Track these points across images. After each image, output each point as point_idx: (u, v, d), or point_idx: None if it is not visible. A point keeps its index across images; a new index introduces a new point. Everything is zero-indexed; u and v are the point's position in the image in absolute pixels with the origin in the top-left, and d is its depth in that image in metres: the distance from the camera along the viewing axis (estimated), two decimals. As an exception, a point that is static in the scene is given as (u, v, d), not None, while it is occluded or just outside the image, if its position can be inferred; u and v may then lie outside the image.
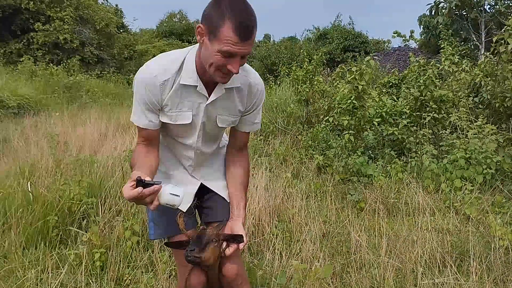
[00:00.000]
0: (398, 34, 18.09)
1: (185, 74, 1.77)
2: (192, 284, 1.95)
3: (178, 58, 1.79)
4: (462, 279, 2.93)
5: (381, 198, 4.61)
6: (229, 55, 1.63)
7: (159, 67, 1.77)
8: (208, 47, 1.65)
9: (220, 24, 1.59)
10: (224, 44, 1.60)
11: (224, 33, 1.59)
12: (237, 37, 1.59)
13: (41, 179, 4.44)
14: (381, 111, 6.76)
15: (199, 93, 1.81)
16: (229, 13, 1.58)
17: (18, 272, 2.99)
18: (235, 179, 2.06)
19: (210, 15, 1.62)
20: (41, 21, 19.30)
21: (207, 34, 1.64)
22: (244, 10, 1.61)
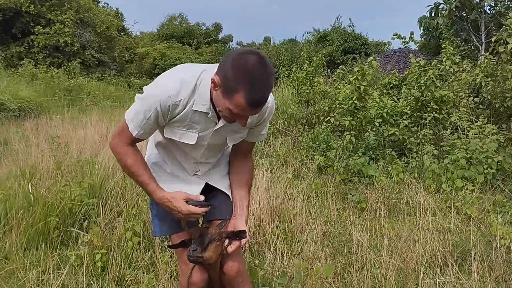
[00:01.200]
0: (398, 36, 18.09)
1: (199, 100, 1.74)
2: (194, 281, 1.95)
3: (192, 81, 1.73)
4: (464, 278, 2.92)
5: (382, 199, 4.61)
6: (238, 116, 1.68)
7: (173, 87, 1.71)
8: (220, 99, 1.66)
9: (236, 89, 1.58)
10: (235, 107, 1.62)
11: (237, 100, 1.59)
12: (249, 107, 1.61)
13: (42, 180, 4.45)
14: (382, 111, 6.76)
15: (210, 119, 1.80)
16: (246, 81, 1.56)
17: (19, 273, 2.99)
18: (239, 179, 2.07)
19: (227, 74, 1.59)
20: (42, 24, 19.33)
21: (221, 89, 1.63)
22: (262, 79, 1.59)
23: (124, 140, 1.86)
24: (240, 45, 36.59)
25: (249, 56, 1.58)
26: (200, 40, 30.04)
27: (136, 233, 3.34)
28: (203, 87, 1.73)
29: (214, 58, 28.06)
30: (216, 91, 1.66)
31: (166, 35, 29.66)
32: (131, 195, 4.08)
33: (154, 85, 1.78)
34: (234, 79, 1.57)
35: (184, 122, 1.79)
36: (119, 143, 1.87)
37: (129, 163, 1.87)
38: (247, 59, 1.58)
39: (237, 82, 1.56)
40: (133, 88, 20.33)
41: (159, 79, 1.80)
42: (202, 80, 1.73)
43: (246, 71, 1.56)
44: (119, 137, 1.87)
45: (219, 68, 1.65)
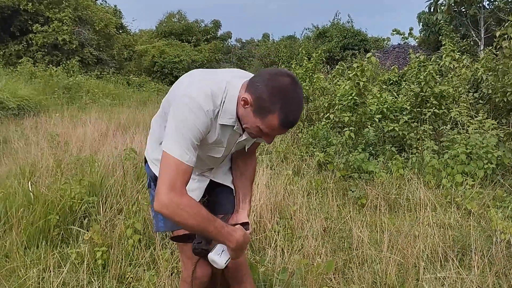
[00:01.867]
0: (397, 32, 18.08)
1: (225, 114, 1.70)
2: (198, 276, 1.95)
3: (219, 94, 1.67)
4: (464, 273, 2.93)
5: (382, 194, 4.61)
6: (266, 134, 1.69)
7: (206, 101, 1.64)
8: (250, 118, 1.65)
9: (270, 111, 1.59)
10: (266, 127, 1.63)
11: (270, 121, 1.61)
12: (282, 128, 1.63)
13: (42, 178, 4.44)
14: (382, 107, 6.76)
15: (235, 131, 1.79)
16: (282, 104, 1.57)
17: (20, 271, 2.99)
18: (242, 175, 2.08)
19: (262, 94, 1.59)
20: (40, 22, 19.28)
21: (253, 108, 1.62)
22: (296, 103, 1.61)
23: (181, 186, 1.59)
24: (239, 42, 36.59)
25: (283, 78, 1.59)
26: (199, 37, 29.99)
27: (137, 231, 3.34)
28: (229, 101, 1.69)
29: (213, 55, 28.07)
30: (246, 109, 1.65)
31: (164, 32, 29.61)
32: (131, 192, 4.08)
33: (187, 103, 1.63)
34: (269, 100, 1.58)
35: (212, 138, 1.75)
36: (177, 196, 1.57)
37: (201, 212, 1.63)
38: (282, 81, 1.59)
39: (272, 103, 1.58)
40: (132, 85, 20.31)
41: (189, 94, 1.64)
42: (227, 93, 1.69)
43: (281, 93, 1.57)
44: (175, 183, 1.58)
45: (250, 86, 1.64)
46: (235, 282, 2.07)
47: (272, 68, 1.70)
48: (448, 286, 2.80)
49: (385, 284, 2.88)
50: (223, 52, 30.92)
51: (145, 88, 20.11)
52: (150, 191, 2.12)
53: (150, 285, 2.80)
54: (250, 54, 32.05)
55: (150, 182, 2.09)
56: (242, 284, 2.07)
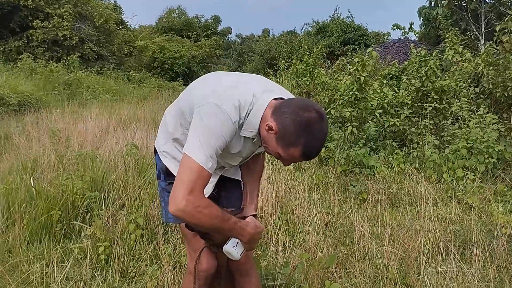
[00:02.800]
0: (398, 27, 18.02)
1: (248, 127, 1.71)
2: (204, 268, 1.96)
3: (245, 106, 1.68)
4: (465, 267, 2.94)
5: (383, 189, 4.62)
6: (285, 160, 1.71)
7: (235, 112, 1.65)
8: (272, 143, 1.67)
9: (294, 144, 1.62)
10: (287, 156, 1.67)
11: (293, 152, 1.64)
12: (302, 159, 1.69)
13: (44, 174, 4.45)
14: (383, 102, 6.75)
15: (254, 143, 1.81)
16: (306, 141, 1.61)
17: (23, 266, 3.01)
18: (251, 170, 2.09)
19: (288, 127, 1.60)
20: (40, 18, 19.27)
21: (277, 136, 1.64)
22: (320, 140, 1.65)
23: (199, 190, 1.60)
24: (239, 38, 36.53)
25: (311, 114, 1.61)
26: (199, 33, 29.95)
27: (139, 226, 3.35)
28: (254, 116, 1.70)
29: (213, 51, 28.05)
30: (270, 134, 1.66)
31: (165, 28, 29.60)
32: (133, 188, 4.09)
33: (216, 112, 1.63)
34: (295, 134, 1.60)
35: (235, 149, 1.78)
36: (196, 199, 1.58)
37: (218, 212, 1.67)
38: (309, 117, 1.60)
39: (297, 138, 1.60)
40: (132, 81, 20.30)
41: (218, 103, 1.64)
42: (253, 107, 1.70)
43: (307, 130, 1.60)
44: (194, 190, 1.58)
45: (277, 113, 1.64)
46: (240, 275, 2.08)
47: (301, 100, 1.69)
48: (449, 280, 2.81)
49: (387, 278, 2.90)
50: (223, 48, 30.92)
51: (146, 84, 20.10)
52: (158, 182, 2.12)
53: (153, 280, 2.81)
54: (250, 50, 32.00)
55: (159, 173, 2.08)
56: (247, 277, 2.09)
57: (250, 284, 2.11)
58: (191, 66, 25.54)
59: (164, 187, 2.05)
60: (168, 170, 2.00)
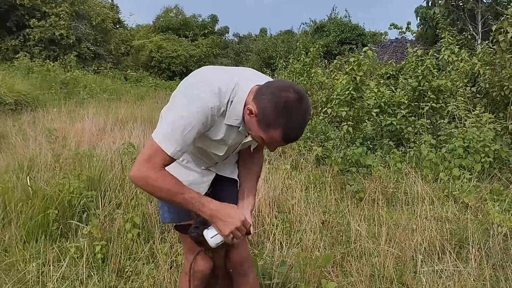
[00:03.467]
0: (395, 26, 18.08)
1: (231, 114, 1.71)
2: (198, 269, 1.96)
3: (227, 92, 1.68)
4: (462, 265, 2.95)
5: (380, 188, 4.62)
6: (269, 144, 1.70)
7: (213, 98, 1.65)
8: (254, 127, 1.66)
9: (273, 126, 1.60)
10: (268, 139, 1.65)
11: (272, 134, 1.62)
12: (284, 142, 1.66)
13: (40, 173, 4.44)
14: (380, 101, 6.77)
15: (240, 132, 1.79)
16: (285, 121, 1.58)
17: (20, 265, 3.01)
18: (248, 169, 2.07)
19: (266, 109, 1.59)
20: (37, 17, 19.20)
21: (257, 119, 1.63)
22: (299, 121, 1.62)
23: (154, 166, 1.64)
24: (237, 37, 36.50)
25: (289, 94, 1.59)
26: (197, 32, 29.92)
27: (136, 225, 3.35)
28: (237, 103, 1.70)
29: (210, 50, 28.01)
30: (251, 118, 1.65)
31: (162, 27, 29.53)
32: (129, 187, 4.08)
33: (192, 94, 1.66)
34: (273, 116, 1.58)
35: (217, 136, 1.75)
36: (148, 170, 1.64)
37: (169, 185, 1.68)
38: (287, 97, 1.58)
39: (275, 119, 1.58)
40: (129, 80, 20.27)
41: (195, 86, 1.69)
42: (236, 94, 1.69)
43: (285, 110, 1.57)
44: (147, 164, 1.64)
45: (257, 96, 1.63)
46: (238, 275, 2.07)
47: (281, 81, 1.67)
48: (445, 278, 2.82)
49: (383, 277, 2.90)
50: (220, 47, 30.89)
51: (143, 83, 20.07)
52: None
53: (150, 279, 2.82)
54: (248, 49, 31.98)
55: None
56: (245, 277, 2.07)
57: (247, 284, 2.10)
58: (188, 66, 25.48)
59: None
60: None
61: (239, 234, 1.77)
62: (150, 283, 2.79)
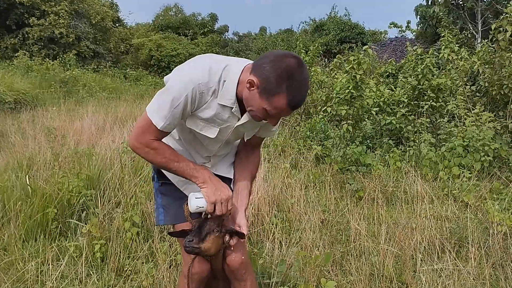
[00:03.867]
0: (395, 25, 18.05)
1: (224, 94, 1.74)
2: (195, 271, 1.95)
3: (218, 71, 1.72)
4: (461, 264, 2.95)
5: (379, 187, 4.62)
6: (273, 115, 1.71)
7: (203, 74, 1.69)
8: (256, 100, 1.68)
9: (277, 92, 1.62)
10: (273, 109, 1.67)
11: (277, 102, 1.64)
12: (289, 109, 1.67)
13: (40, 172, 4.44)
14: (379, 100, 6.76)
15: (233, 114, 1.80)
16: (289, 86, 1.61)
17: (19, 264, 3.00)
18: (243, 169, 2.07)
19: (269, 76, 1.62)
20: (36, 16, 19.14)
21: (260, 90, 1.65)
22: (303, 84, 1.65)
23: (149, 136, 1.76)
24: (236, 36, 36.48)
25: (289, 60, 1.63)
26: (196, 31, 29.88)
27: (135, 224, 3.34)
28: (230, 82, 1.73)
29: (210, 49, 27.95)
30: (251, 91, 1.67)
31: (161, 25, 29.47)
32: (129, 186, 4.08)
33: (181, 72, 1.73)
34: (276, 81, 1.61)
35: (208, 114, 1.77)
36: (144, 142, 1.77)
37: (166, 154, 1.80)
38: (288, 62, 1.62)
39: (279, 84, 1.61)
40: (129, 79, 20.22)
41: (186, 66, 1.76)
42: (228, 74, 1.73)
43: (288, 74, 1.61)
44: (142, 136, 1.76)
45: (256, 68, 1.67)
46: (235, 279, 2.05)
47: (276, 51, 1.74)
48: (445, 277, 2.82)
49: (383, 276, 2.90)
50: (220, 46, 30.82)
51: (142, 82, 20.03)
52: (154, 184, 2.13)
53: (149, 278, 2.81)
54: (248, 48, 31.94)
55: (154, 175, 2.10)
56: (242, 282, 2.05)
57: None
58: (188, 64, 25.44)
59: (157, 188, 2.06)
60: (160, 171, 2.00)
61: (220, 208, 1.82)
62: (149, 282, 2.79)
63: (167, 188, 2.04)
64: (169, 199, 2.03)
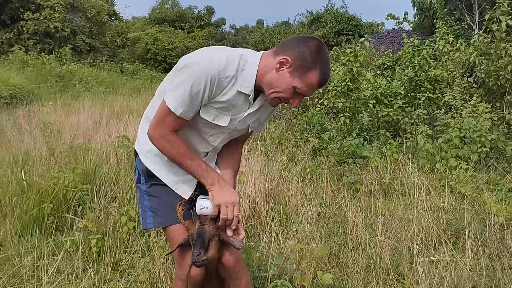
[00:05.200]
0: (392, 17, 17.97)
1: (244, 81, 1.75)
2: (192, 275, 1.93)
3: (235, 59, 1.73)
4: (458, 255, 2.95)
5: (376, 179, 4.62)
6: (299, 94, 1.77)
7: (221, 62, 1.69)
8: (285, 79, 1.73)
9: (311, 68, 1.72)
10: (305, 85, 1.74)
11: (310, 78, 1.73)
12: (318, 85, 1.76)
13: (35, 167, 4.42)
14: (376, 92, 6.75)
15: (247, 101, 1.82)
16: (321, 62, 1.73)
17: (15, 259, 2.99)
18: (227, 165, 2.05)
19: (303, 54, 1.71)
20: (31, 10, 19.02)
21: (292, 68, 1.72)
22: (329, 61, 1.78)
23: (167, 127, 1.77)
24: (233, 29, 36.37)
25: (315, 40, 1.76)
26: (193, 24, 29.76)
27: (131, 218, 3.33)
28: (249, 70, 1.76)
29: (206, 42, 27.86)
30: (280, 72, 1.73)
31: (158, 19, 29.34)
32: (125, 180, 4.07)
33: (200, 58, 1.71)
34: (312, 58, 1.70)
35: (224, 103, 1.77)
36: (164, 132, 1.78)
37: (181, 149, 1.81)
38: (316, 42, 1.74)
39: (314, 63, 1.71)
40: (125, 73, 20.15)
41: (203, 53, 1.75)
42: (246, 62, 1.76)
43: (320, 53, 1.73)
44: (161, 125, 1.78)
45: (285, 49, 1.74)
46: (230, 278, 2.04)
47: (296, 35, 1.94)
48: (442, 268, 2.82)
49: (380, 268, 2.90)
50: (217, 39, 30.72)
51: (139, 76, 19.98)
52: (138, 187, 2.04)
53: (145, 272, 2.80)
54: (244, 41, 31.85)
55: (139, 177, 2.02)
56: (237, 280, 2.04)
57: (240, 286, 2.07)
58: (185, 58, 25.35)
59: (145, 190, 1.99)
60: (149, 172, 1.95)
61: (225, 211, 1.82)
62: (146, 276, 2.78)
63: (156, 189, 1.98)
64: (159, 201, 1.96)
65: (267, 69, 1.75)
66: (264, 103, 1.87)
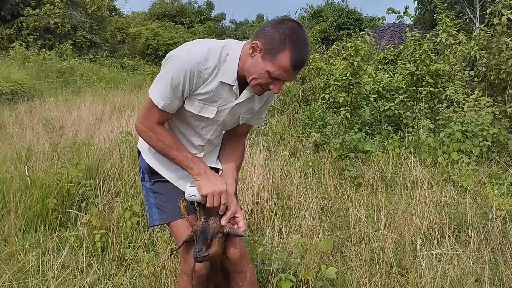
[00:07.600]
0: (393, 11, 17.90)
1: (226, 72, 1.75)
2: (197, 269, 1.94)
3: (217, 51, 1.74)
4: (461, 249, 2.96)
5: (379, 173, 4.63)
6: (276, 79, 1.71)
7: (200, 54, 1.70)
8: (259, 64, 1.69)
9: (281, 50, 1.65)
10: (277, 69, 1.68)
11: (280, 60, 1.66)
12: (292, 67, 1.67)
13: (38, 163, 4.43)
14: (378, 86, 6.74)
15: (232, 92, 1.81)
16: (291, 43, 1.65)
17: (19, 255, 3.01)
18: (230, 159, 2.06)
19: (272, 36, 1.66)
20: (31, 6, 18.97)
21: (263, 52, 1.68)
22: (304, 43, 1.69)
23: (152, 119, 1.81)
24: (233, 24, 36.27)
25: (290, 22, 1.69)
26: (193, 19, 29.68)
27: (135, 213, 3.34)
28: (231, 61, 1.75)
29: (207, 37, 27.73)
30: (254, 57, 1.70)
31: (158, 14, 29.26)
32: (128, 175, 4.08)
33: (180, 51, 1.73)
34: (280, 39, 1.64)
35: (207, 94, 1.77)
36: (149, 124, 1.82)
37: (167, 141, 1.83)
38: (289, 24, 1.68)
39: (283, 43, 1.64)
40: (126, 69, 20.12)
41: (185, 46, 1.76)
42: (228, 52, 1.75)
43: (291, 33, 1.65)
44: (147, 118, 1.81)
45: (258, 34, 1.70)
46: (235, 271, 2.06)
47: (276, 18, 1.79)
48: (444, 262, 2.83)
49: (383, 262, 2.91)
50: (217, 34, 30.63)
51: (140, 71, 19.94)
52: (143, 185, 2.08)
53: (150, 267, 2.82)
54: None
55: (144, 175, 2.06)
56: (241, 273, 2.05)
57: (245, 280, 2.07)
58: (185, 53, 25.29)
59: (149, 187, 2.03)
60: (152, 169, 1.99)
61: (212, 201, 1.84)
62: (150, 270, 2.80)
63: (160, 186, 2.01)
64: (163, 198, 1.99)
65: (246, 57, 1.74)
66: (251, 94, 1.86)
